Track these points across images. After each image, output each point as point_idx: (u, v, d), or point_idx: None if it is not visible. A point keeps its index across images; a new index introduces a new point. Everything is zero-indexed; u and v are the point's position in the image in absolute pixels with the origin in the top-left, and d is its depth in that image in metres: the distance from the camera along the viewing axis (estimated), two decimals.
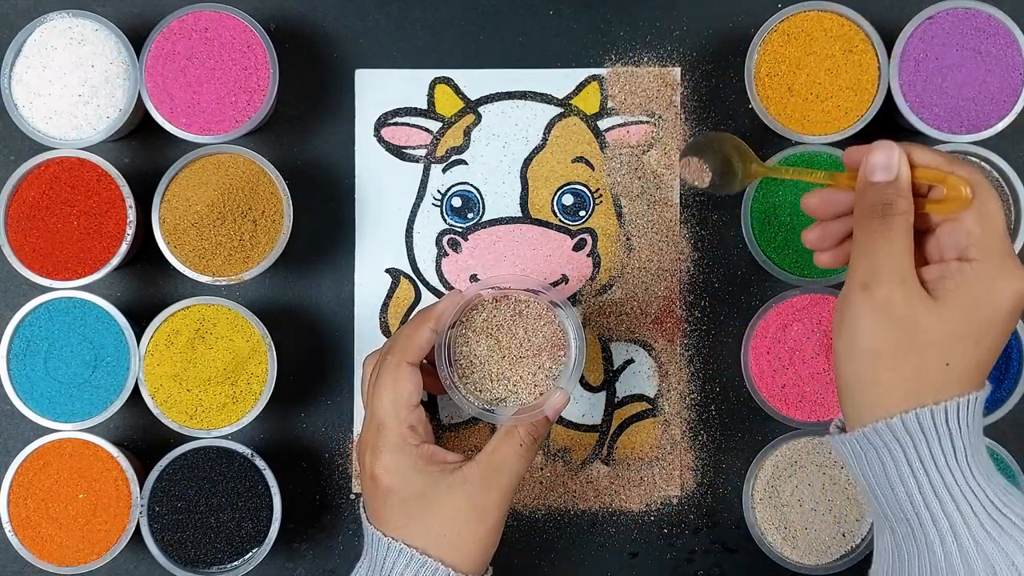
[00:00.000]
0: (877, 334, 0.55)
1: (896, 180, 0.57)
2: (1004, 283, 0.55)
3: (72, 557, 0.74)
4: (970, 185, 0.56)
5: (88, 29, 0.75)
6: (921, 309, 0.55)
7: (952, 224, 0.56)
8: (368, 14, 0.80)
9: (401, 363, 0.65)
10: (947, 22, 0.75)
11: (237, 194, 0.74)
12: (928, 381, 0.55)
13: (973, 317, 0.55)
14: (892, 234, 0.56)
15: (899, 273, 0.55)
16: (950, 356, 0.55)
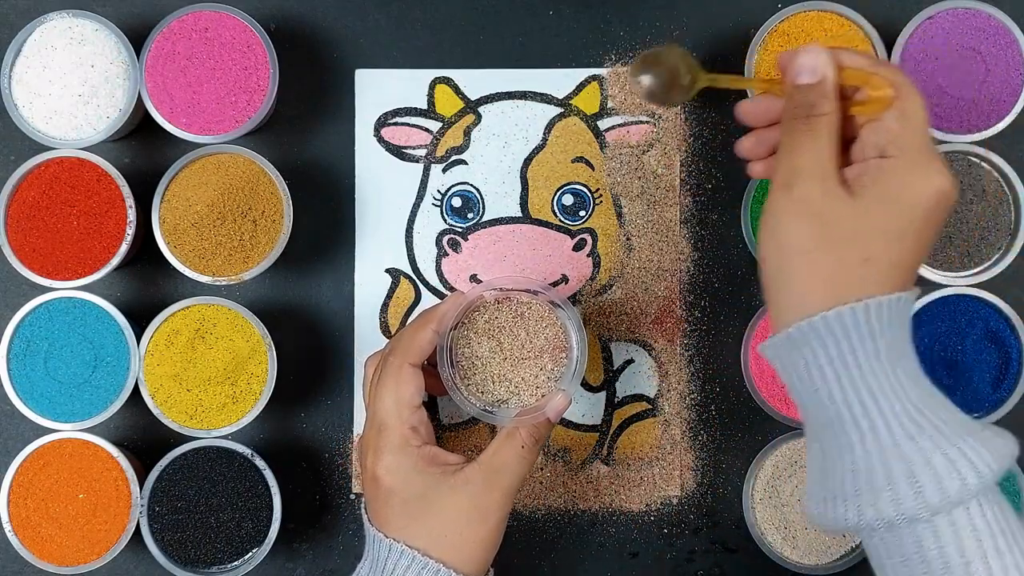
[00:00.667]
0: (796, 231, 0.55)
1: (821, 82, 0.57)
2: (922, 179, 0.55)
3: (72, 557, 0.74)
4: (892, 85, 0.56)
5: (88, 29, 0.75)
6: (838, 204, 0.55)
7: (874, 124, 0.56)
8: (368, 14, 0.80)
9: (403, 364, 0.65)
10: (947, 22, 0.75)
11: (237, 194, 0.74)
12: (848, 278, 0.55)
13: (890, 212, 0.55)
14: (814, 134, 0.56)
15: (819, 171, 0.56)
16: (868, 251, 0.55)
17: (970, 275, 0.75)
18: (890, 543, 0.54)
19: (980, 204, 0.75)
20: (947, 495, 0.52)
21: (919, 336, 0.75)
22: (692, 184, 0.79)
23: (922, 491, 0.52)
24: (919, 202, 0.55)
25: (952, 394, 0.74)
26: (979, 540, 0.52)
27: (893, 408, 0.54)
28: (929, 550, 0.53)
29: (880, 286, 0.55)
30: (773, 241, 0.57)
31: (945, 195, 0.56)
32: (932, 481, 0.52)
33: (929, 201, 0.55)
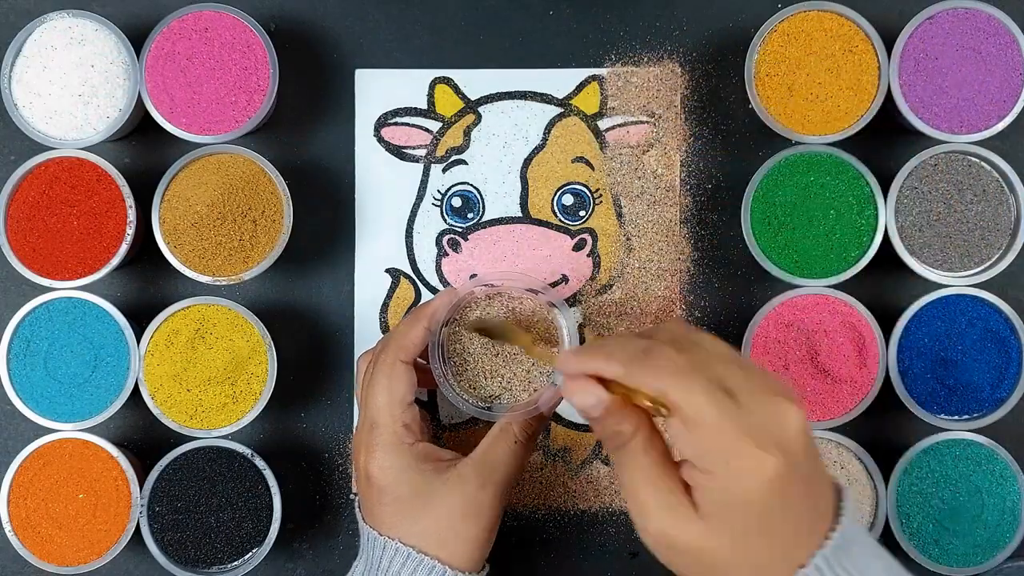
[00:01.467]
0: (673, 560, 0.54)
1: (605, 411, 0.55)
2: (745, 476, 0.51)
3: (72, 557, 0.74)
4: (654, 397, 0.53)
5: (88, 29, 0.75)
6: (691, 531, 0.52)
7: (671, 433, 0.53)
8: (368, 14, 0.80)
9: (396, 362, 0.65)
10: (947, 22, 0.75)
11: (237, 194, 0.74)
12: None
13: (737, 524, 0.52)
14: (635, 463, 0.54)
15: (656, 502, 0.53)
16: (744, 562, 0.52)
17: (970, 275, 0.75)
18: None
19: (980, 204, 0.75)
20: None
21: (919, 336, 0.75)
22: (692, 184, 0.79)
23: None
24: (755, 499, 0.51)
25: (952, 394, 0.74)
26: None
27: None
28: None
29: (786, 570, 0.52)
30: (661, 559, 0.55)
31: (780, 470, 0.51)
32: None
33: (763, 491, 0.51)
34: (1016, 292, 0.77)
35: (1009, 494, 0.74)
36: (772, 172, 0.75)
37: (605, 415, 0.55)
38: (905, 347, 0.75)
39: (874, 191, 0.74)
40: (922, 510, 0.74)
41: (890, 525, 0.74)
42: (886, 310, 0.76)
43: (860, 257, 0.74)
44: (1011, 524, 0.74)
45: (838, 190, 0.75)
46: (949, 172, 0.75)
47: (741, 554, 0.52)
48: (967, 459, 0.74)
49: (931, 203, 0.75)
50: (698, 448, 0.52)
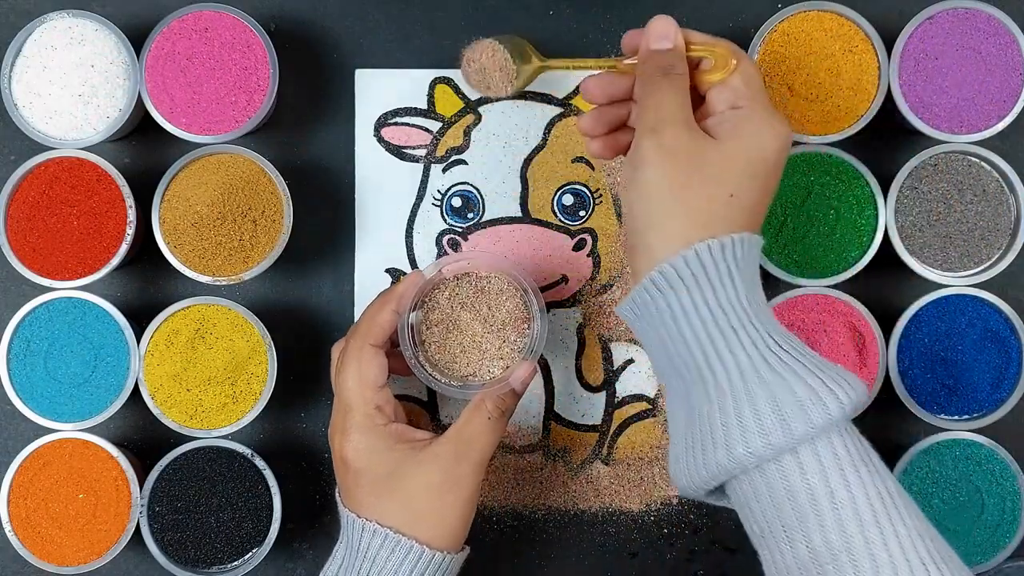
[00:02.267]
0: (668, 170, 0.58)
1: (674, 48, 0.62)
2: (771, 126, 0.60)
3: (72, 557, 0.74)
4: (734, 54, 0.62)
5: (88, 29, 0.75)
6: (704, 146, 0.59)
7: (721, 86, 0.61)
8: (368, 14, 0.80)
9: (364, 345, 0.66)
10: (947, 22, 0.75)
11: (237, 194, 0.74)
12: (717, 214, 0.57)
13: (749, 153, 0.59)
14: (674, 88, 0.61)
15: (683, 118, 0.59)
16: (733, 187, 0.58)
17: (970, 275, 0.75)
18: (758, 483, 0.55)
19: (980, 204, 0.75)
20: (811, 423, 0.53)
21: (919, 336, 0.75)
22: None
23: (786, 420, 0.53)
24: (771, 144, 0.59)
25: (952, 394, 0.74)
26: (842, 470, 0.53)
27: (755, 342, 0.56)
28: (796, 484, 0.53)
29: (744, 223, 0.58)
30: (643, 186, 0.58)
31: (788, 140, 0.61)
32: (796, 409, 0.53)
33: (778, 143, 0.60)
34: (1016, 292, 0.77)
35: (1009, 494, 0.74)
36: None
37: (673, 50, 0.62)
38: (905, 347, 0.75)
39: (874, 191, 0.74)
40: (922, 510, 0.74)
41: None
42: (886, 310, 0.76)
43: (860, 257, 0.74)
44: (1011, 524, 0.74)
45: (838, 190, 0.75)
46: (949, 172, 0.75)
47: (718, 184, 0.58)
48: (967, 459, 0.74)
49: (931, 203, 0.75)
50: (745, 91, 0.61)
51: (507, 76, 0.67)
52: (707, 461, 0.55)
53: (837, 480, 0.53)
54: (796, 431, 0.53)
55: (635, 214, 0.59)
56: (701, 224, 0.57)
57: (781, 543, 0.54)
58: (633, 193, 0.59)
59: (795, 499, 0.54)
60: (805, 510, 0.53)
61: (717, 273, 0.56)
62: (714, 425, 0.55)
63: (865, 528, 0.52)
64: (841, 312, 0.75)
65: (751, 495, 0.55)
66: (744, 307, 0.56)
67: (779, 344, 0.56)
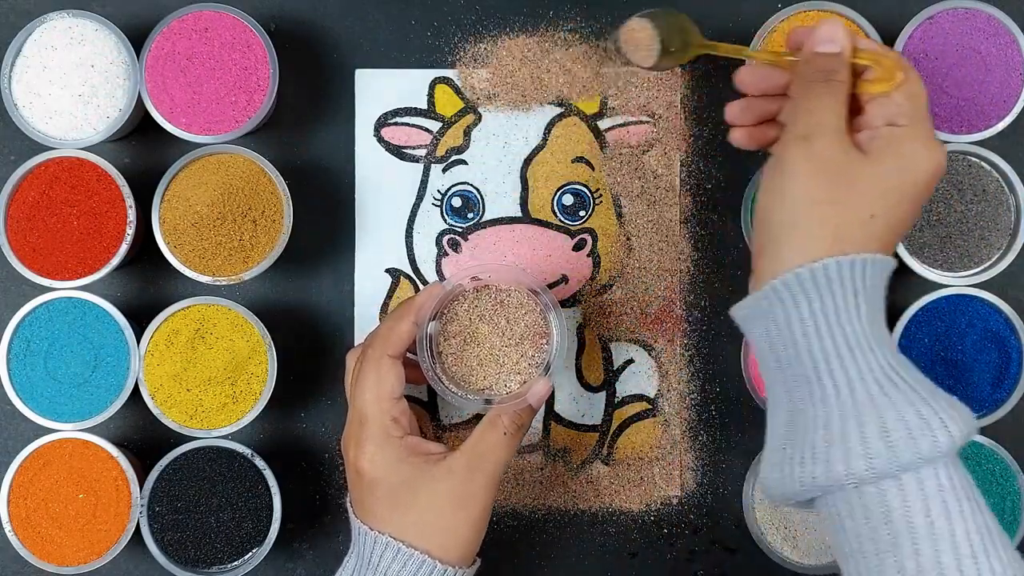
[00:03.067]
0: (813, 182, 0.57)
1: (840, 53, 0.60)
2: (928, 151, 0.58)
3: (72, 557, 0.74)
4: (901, 68, 0.59)
5: (88, 29, 0.75)
6: (854, 160, 0.57)
7: (882, 99, 0.59)
8: (368, 14, 0.80)
9: (383, 356, 0.66)
10: (947, 22, 0.75)
11: (237, 194, 0.74)
12: (853, 231, 0.56)
13: (902, 175, 0.57)
14: (833, 96, 0.59)
15: (837, 128, 0.58)
16: (875, 208, 0.57)
17: (970, 275, 0.75)
18: (854, 502, 0.54)
19: (980, 204, 0.75)
20: (919, 452, 0.52)
21: (919, 336, 0.75)
22: (692, 184, 0.79)
23: (894, 447, 0.53)
24: (925, 168, 0.57)
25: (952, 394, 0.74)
26: (944, 500, 0.53)
27: (870, 363, 0.55)
28: (894, 509, 0.53)
29: (879, 245, 0.57)
30: (785, 192, 0.57)
31: (942, 168, 0.58)
32: (905, 437, 0.53)
33: (931, 169, 0.58)
34: (1016, 292, 0.77)
35: (1009, 494, 0.74)
36: None
37: (839, 54, 0.60)
38: (905, 347, 0.74)
39: None
40: None
41: None
42: (886, 310, 0.76)
43: None
44: (1011, 524, 0.74)
45: None
46: (949, 172, 0.75)
47: (860, 201, 0.56)
48: (967, 459, 0.74)
49: (931, 203, 0.75)
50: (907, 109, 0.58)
51: (648, 54, 0.65)
52: (803, 473, 0.54)
53: (938, 510, 0.52)
54: (902, 458, 0.52)
55: (771, 219, 0.58)
56: (836, 240, 0.56)
57: (871, 564, 0.53)
58: (773, 198, 0.58)
59: (892, 523, 0.53)
60: (901, 535, 0.52)
61: (842, 290, 0.55)
62: (816, 439, 0.54)
63: (961, 561, 0.52)
64: None
65: (845, 512, 0.54)
66: (864, 328, 0.55)
67: (895, 369, 0.55)
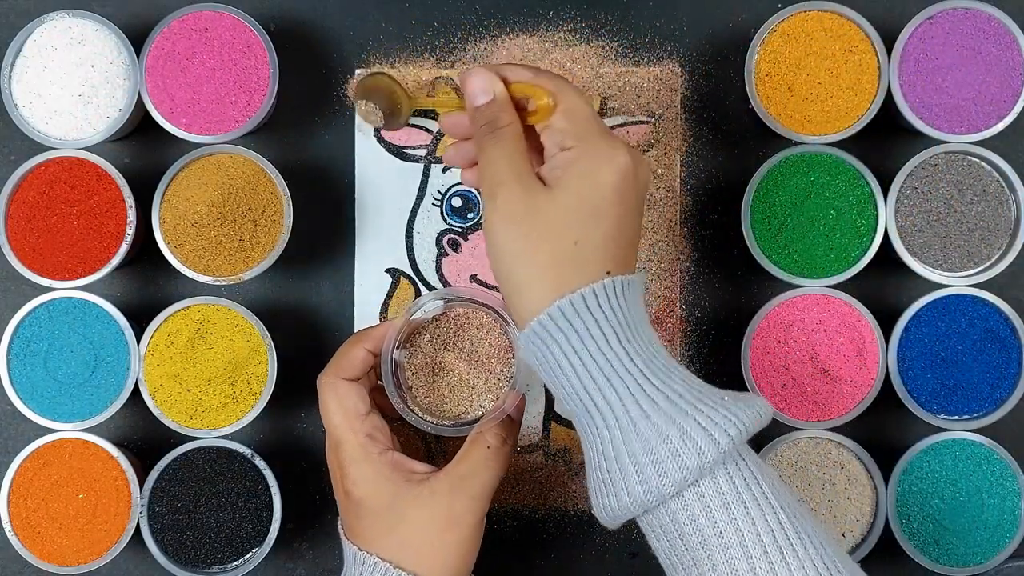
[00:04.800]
0: (508, 233, 0.57)
1: (494, 99, 0.61)
2: (603, 161, 0.58)
3: (72, 557, 0.74)
4: (551, 92, 0.60)
5: (88, 29, 0.75)
6: (539, 199, 0.58)
7: (547, 128, 0.60)
8: (368, 14, 0.80)
9: (336, 380, 0.66)
10: (947, 22, 0.75)
11: (237, 194, 0.74)
12: (565, 266, 0.57)
13: (584, 194, 0.58)
14: (502, 144, 0.60)
15: (514, 174, 0.58)
16: (575, 235, 0.57)
17: (970, 275, 0.75)
18: (653, 524, 0.55)
19: (980, 204, 0.75)
20: (687, 469, 0.53)
21: (919, 336, 0.75)
22: (692, 184, 0.79)
23: (664, 468, 0.54)
24: (606, 179, 0.58)
25: (952, 394, 0.74)
26: (728, 508, 0.54)
27: (629, 388, 0.56)
28: (684, 525, 0.54)
29: (596, 271, 0.57)
30: (493, 250, 0.58)
31: (628, 169, 0.59)
32: (670, 457, 0.54)
33: (614, 177, 0.58)
34: (1016, 292, 0.77)
35: (1009, 494, 0.74)
36: (772, 172, 0.75)
37: (493, 102, 0.61)
38: (905, 347, 0.75)
39: (874, 191, 0.74)
40: (922, 510, 0.74)
41: (890, 525, 0.74)
42: (886, 310, 0.76)
43: (860, 257, 0.74)
44: (1011, 524, 0.74)
45: (838, 190, 0.75)
46: (949, 172, 0.75)
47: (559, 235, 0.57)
48: (967, 459, 0.74)
49: (931, 203, 0.75)
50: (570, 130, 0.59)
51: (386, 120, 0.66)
52: (604, 504, 0.56)
53: (724, 519, 0.54)
54: (675, 478, 0.53)
55: (496, 278, 0.59)
56: (556, 280, 0.57)
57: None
58: (490, 259, 0.59)
59: (686, 540, 0.54)
60: (696, 551, 0.54)
61: (583, 324, 0.56)
62: (602, 471, 0.56)
63: (755, 565, 0.53)
64: (841, 312, 0.75)
65: (650, 533, 0.56)
66: (617, 352, 0.56)
67: (656, 387, 0.56)
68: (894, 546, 0.74)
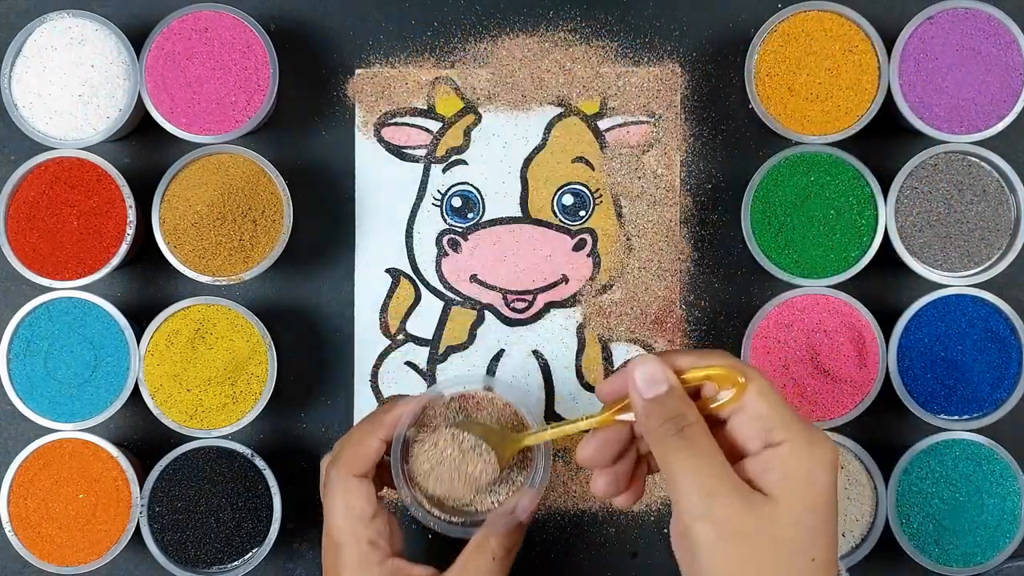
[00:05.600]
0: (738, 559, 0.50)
1: (671, 390, 0.53)
2: (818, 456, 0.52)
3: (72, 557, 0.74)
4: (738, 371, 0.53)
5: (88, 29, 0.75)
6: (764, 511, 0.50)
7: (740, 414, 0.53)
8: (368, 14, 0.80)
9: (348, 477, 0.62)
10: (947, 22, 0.75)
11: (237, 194, 0.74)
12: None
13: (813, 502, 0.51)
14: (697, 448, 0.51)
15: (730, 486, 0.51)
16: (813, 551, 0.51)
17: (970, 275, 0.75)
18: None
19: (980, 204, 0.75)
20: None
21: (919, 336, 0.75)
22: (692, 184, 0.79)
23: None
24: (827, 481, 0.52)
25: (952, 394, 0.74)
26: None
27: None
28: None
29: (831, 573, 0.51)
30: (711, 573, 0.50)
31: (836, 461, 0.52)
32: None
33: (830, 475, 0.52)
34: (1016, 292, 0.77)
35: (1009, 494, 0.74)
36: (772, 172, 0.75)
37: (672, 394, 0.53)
38: (905, 347, 0.75)
39: (874, 191, 0.74)
40: (922, 510, 0.74)
41: (890, 525, 0.74)
42: (886, 310, 0.76)
43: (860, 257, 0.74)
44: (1011, 524, 0.74)
45: (838, 190, 0.75)
46: (949, 172, 0.75)
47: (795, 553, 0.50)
48: (967, 459, 0.74)
49: (931, 203, 0.75)
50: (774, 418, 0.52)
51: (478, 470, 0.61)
52: None
53: None
54: None
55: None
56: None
57: None
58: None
59: None
60: None
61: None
62: None
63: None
64: (841, 312, 0.75)
65: None
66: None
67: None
68: (894, 546, 0.74)
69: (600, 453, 0.56)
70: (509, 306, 0.79)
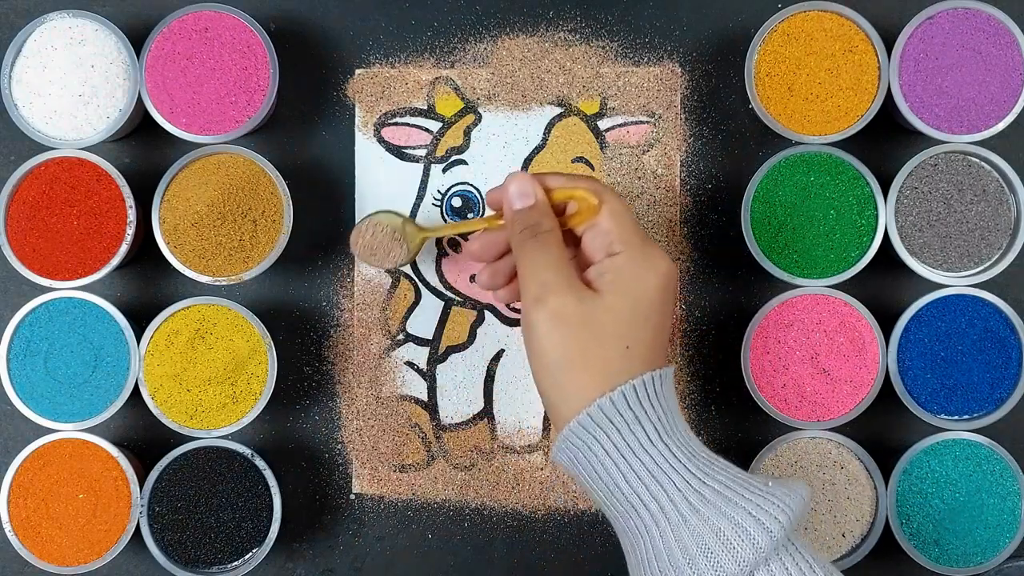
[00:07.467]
0: (560, 340, 0.58)
1: (536, 203, 0.63)
2: (650, 267, 0.60)
3: (72, 557, 0.74)
4: (596, 194, 0.62)
5: (88, 29, 0.75)
6: (591, 304, 0.59)
7: (592, 229, 0.62)
8: (368, 14, 0.80)
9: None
10: (947, 22, 0.75)
11: (237, 194, 0.74)
12: (614, 368, 0.58)
13: (636, 303, 0.59)
14: (547, 248, 0.61)
15: (565, 281, 0.60)
16: (627, 339, 0.59)
17: (970, 275, 0.75)
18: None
19: (980, 204, 0.75)
20: (743, 561, 0.53)
21: (919, 336, 0.75)
22: (692, 184, 0.79)
23: (719, 562, 0.54)
24: (653, 284, 0.60)
25: (952, 394, 0.74)
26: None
27: (674, 484, 0.56)
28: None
29: (645, 363, 0.59)
30: (541, 355, 0.59)
31: (671, 275, 0.61)
32: (725, 550, 0.54)
33: (659, 281, 0.60)
34: (1016, 292, 0.77)
35: (1009, 494, 0.74)
36: (772, 172, 0.75)
37: (534, 207, 0.63)
38: (905, 347, 0.75)
39: (874, 191, 0.74)
40: (922, 510, 0.74)
41: (890, 525, 0.74)
42: (886, 310, 0.76)
43: (860, 257, 0.74)
44: (1011, 524, 0.74)
45: (838, 190, 0.75)
46: (949, 172, 0.75)
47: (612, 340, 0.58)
48: (967, 459, 0.74)
49: (931, 203, 0.75)
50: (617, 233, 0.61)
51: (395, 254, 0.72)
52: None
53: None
54: (729, 570, 0.53)
55: (538, 378, 0.60)
56: (601, 380, 0.57)
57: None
58: (532, 359, 0.60)
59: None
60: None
61: (624, 420, 0.57)
62: (653, 571, 0.56)
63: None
64: (841, 312, 0.75)
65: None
66: (661, 448, 0.57)
67: (701, 479, 0.56)
68: (894, 546, 0.74)
69: (484, 249, 0.67)
70: (509, 306, 0.79)
